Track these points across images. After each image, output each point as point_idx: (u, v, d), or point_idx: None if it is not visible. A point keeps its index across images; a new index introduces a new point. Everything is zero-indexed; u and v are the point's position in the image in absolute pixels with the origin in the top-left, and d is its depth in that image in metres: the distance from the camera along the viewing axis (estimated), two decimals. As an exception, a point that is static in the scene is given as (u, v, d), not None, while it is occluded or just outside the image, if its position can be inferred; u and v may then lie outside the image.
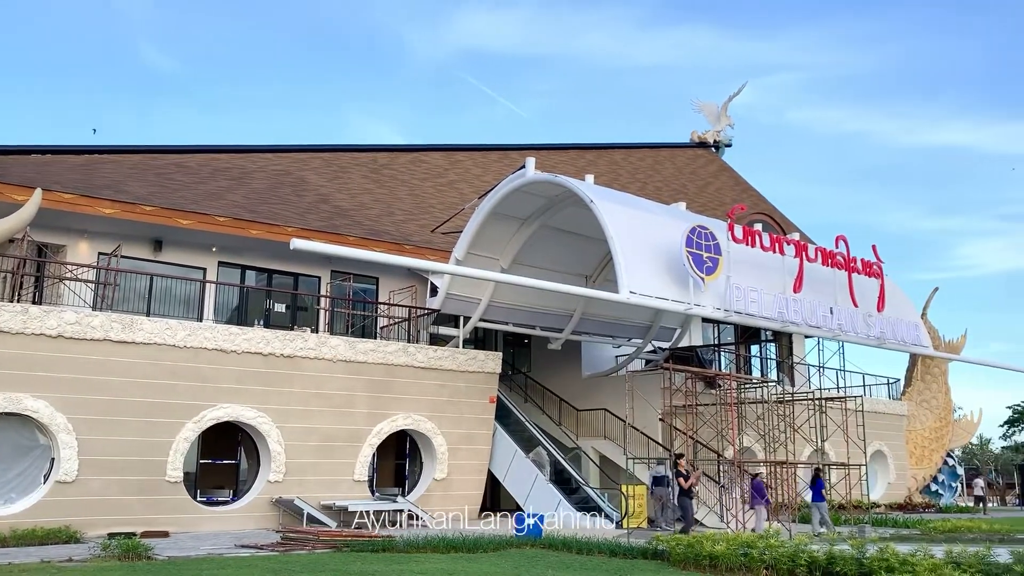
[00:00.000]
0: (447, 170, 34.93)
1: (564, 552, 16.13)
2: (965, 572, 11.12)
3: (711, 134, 47.93)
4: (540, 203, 24.45)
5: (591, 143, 43.14)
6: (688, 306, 20.87)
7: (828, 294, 23.63)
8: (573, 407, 28.85)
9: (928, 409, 38.08)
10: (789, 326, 23.15)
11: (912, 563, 11.60)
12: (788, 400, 26.77)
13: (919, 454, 37.01)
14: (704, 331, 33.79)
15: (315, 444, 21.67)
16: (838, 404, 27.40)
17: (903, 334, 25.41)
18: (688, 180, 43.37)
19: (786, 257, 23.09)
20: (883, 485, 35.18)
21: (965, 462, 56.48)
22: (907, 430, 36.98)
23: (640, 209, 22.78)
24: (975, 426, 41.39)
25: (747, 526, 21.34)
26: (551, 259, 26.21)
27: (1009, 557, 12.09)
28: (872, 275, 24.99)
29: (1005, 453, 70.65)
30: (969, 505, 40.16)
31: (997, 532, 20.75)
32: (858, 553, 12.68)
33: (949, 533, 20.90)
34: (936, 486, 38.12)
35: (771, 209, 40.83)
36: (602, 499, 24.17)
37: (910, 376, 39.21)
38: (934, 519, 25.89)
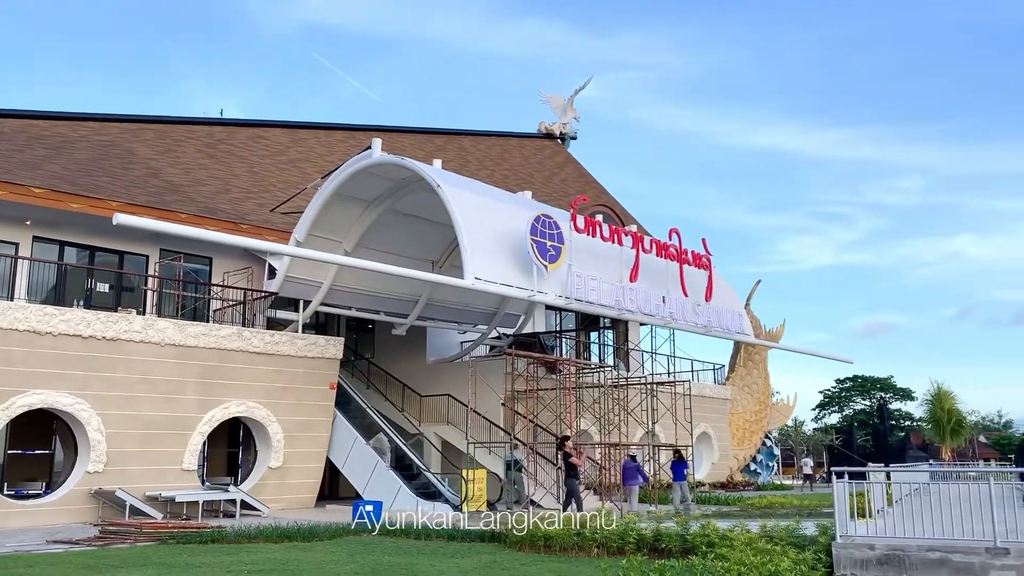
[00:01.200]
0: (289, 148, 33.80)
1: (402, 538, 16.06)
2: (777, 544, 11.93)
3: (557, 126, 48.93)
4: (386, 186, 24.10)
5: (440, 128, 43.01)
6: (532, 293, 21.21)
7: (661, 284, 24.67)
8: (416, 393, 28.75)
9: (749, 393, 40.68)
10: (626, 314, 24.00)
11: (731, 538, 12.33)
12: (623, 385, 27.83)
13: (740, 436, 39.49)
14: (547, 318, 34.55)
15: (140, 432, 20.46)
16: (668, 388, 28.76)
17: (728, 323, 26.92)
18: (535, 170, 44.09)
19: (624, 248, 23.90)
20: (707, 465, 37.30)
21: (781, 443, 60.81)
22: (730, 413, 39.35)
23: (487, 196, 22.91)
24: (791, 409, 44.65)
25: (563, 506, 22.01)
26: (397, 243, 25.93)
27: (815, 529, 13.13)
28: (701, 267, 26.31)
29: (816, 434, 76.71)
30: (785, 483, 43.34)
31: (807, 507, 22.46)
32: (682, 530, 13.36)
33: (765, 509, 22.41)
34: (755, 465, 40.82)
35: (612, 201, 42.22)
36: (443, 484, 24.25)
37: (734, 362, 41.74)
38: (752, 496, 27.73)
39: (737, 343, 40.02)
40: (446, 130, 43.01)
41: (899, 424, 76.59)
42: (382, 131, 35.33)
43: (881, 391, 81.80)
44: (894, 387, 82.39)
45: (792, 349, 34.93)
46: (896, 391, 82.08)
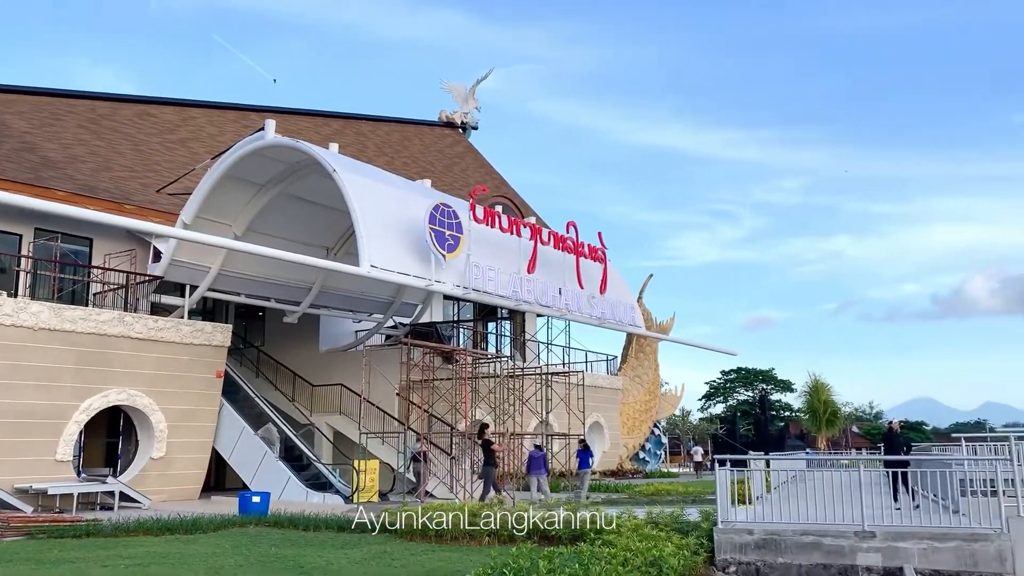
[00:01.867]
0: (178, 127, 32.44)
1: (290, 529, 15.73)
2: (662, 530, 12.28)
3: (459, 115, 48.74)
4: (280, 169, 23.47)
5: (338, 112, 42.18)
6: (429, 282, 21.09)
7: (558, 276, 24.98)
8: (308, 382, 28.16)
9: (640, 384, 41.67)
10: (523, 305, 24.19)
11: (618, 524, 12.63)
12: (518, 375, 28.04)
13: (630, 425, 40.43)
14: (444, 308, 34.44)
15: (9, 422, 19.27)
16: (562, 379, 29.16)
17: (621, 315, 27.51)
18: (435, 158, 43.81)
19: (522, 239, 24.06)
20: (598, 454, 38.00)
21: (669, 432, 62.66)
22: (621, 403, 40.20)
23: (385, 183, 22.62)
24: (679, 399, 46.04)
25: (475, 495, 22.09)
26: (290, 228, 25.30)
27: (699, 516, 13.60)
28: (597, 260, 26.78)
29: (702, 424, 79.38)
30: (672, 471, 44.67)
31: (692, 494, 23.18)
32: (572, 517, 13.57)
33: (652, 496, 23.02)
34: (644, 454, 41.88)
35: (512, 193, 42.40)
36: (334, 475, 23.88)
37: (626, 353, 42.66)
38: (641, 484, 28.46)
39: (629, 335, 40.91)
40: (344, 114, 42.22)
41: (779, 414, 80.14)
42: (277, 112, 34.38)
43: (763, 383, 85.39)
44: (775, 379, 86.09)
45: (681, 341, 35.99)
46: (777, 383, 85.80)
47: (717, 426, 72.25)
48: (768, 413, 64.66)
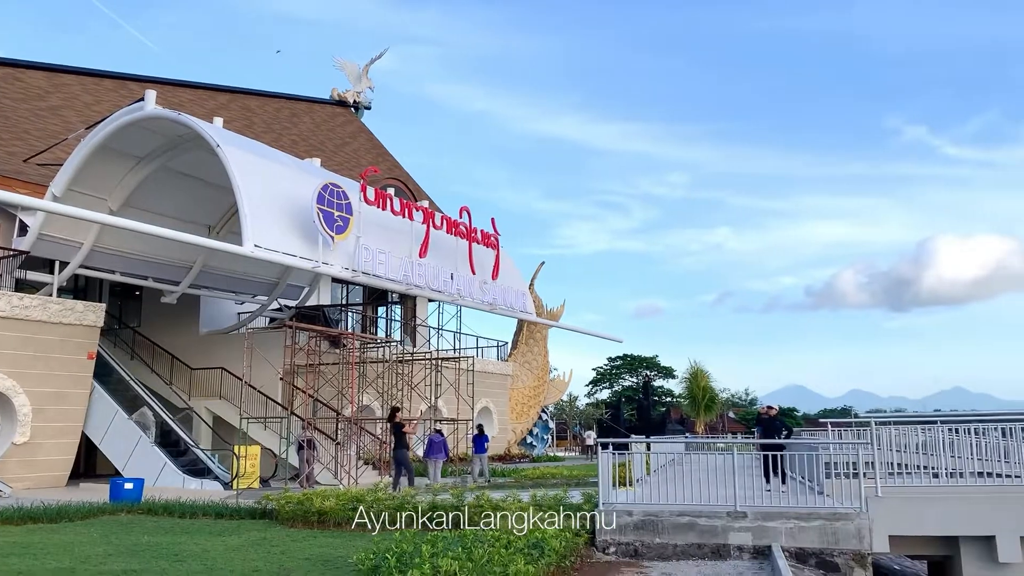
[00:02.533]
0: (50, 94, 30.53)
1: (165, 517, 15.15)
2: (546, 512, 12.46)
3: (351, 94, 47.80)
4: (160, 142, 22.42)
5: (224, 85, 40.62)
6: (316, 264, 20.61)
7: (450, 261, 24.89)
8: (187, 365, 27.11)
9: (529, 369, 42.15)
10: (414, 289, 23.98)
11: (503, 507, 12.74)
12: (407, 360, 27.85)
13: (519, 410, 40.87)
14: (333, 291, 33.81)
15: None
16: (452, 364, 29.14)
17: (513, 301, 27.68)
18: (326, 137, 42.84)
19: (414, 223, 23.83)
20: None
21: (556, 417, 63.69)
22: (511, 388, 40.58)
23: (272, 160, 21.94)
24: (566, 385, 46.83)
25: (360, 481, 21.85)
26: (171, 205, 24.24)
27: (581, 498, 13.88)
28: (490, 246, 26.83)
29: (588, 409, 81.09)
30: (559, 455, 45.44)
31: (576, 477, 23.64)
32: (457, 501, 13.61)
33: (538, 479, 23.35)
34: (531, 438, 42.44)
35: (405, 175, 41.95)
36: (213, 461, 23.13)
37: (516, 340, 43.04)
38: (527, 468, 28.81)
39: (520, 321, 41.28)
40: (230, 88, 40.71)
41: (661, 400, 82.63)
42: (158, 83, 32.82)
43: (647, 369, 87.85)
44: (659, 366, 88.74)
45: (570, 328, 36.53)
46: (660, 369, 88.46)
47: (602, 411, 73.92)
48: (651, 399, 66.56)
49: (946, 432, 15.37)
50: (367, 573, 9.20)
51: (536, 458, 39.38)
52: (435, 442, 22.36)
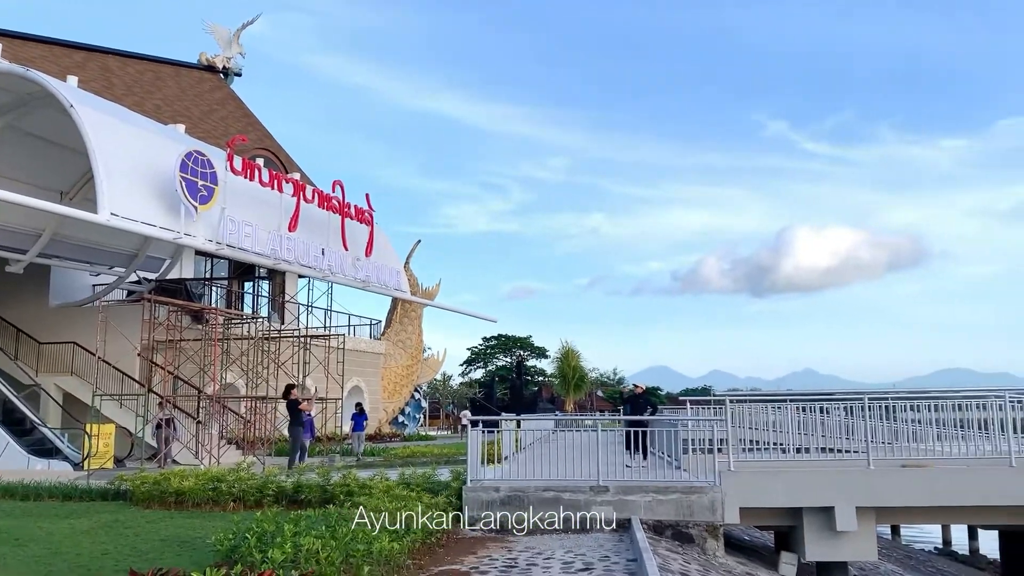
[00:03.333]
0: None
1: (6, 500, 14.22)
2: (413, 490, 12.45)
3: (221, 59, 45.77)
4: (7, 100, 20.82)
5: (81, 43, 37.99)
6: (178, 235, 19.69)
7: (322, 236, 24.32)
8: (35, 339, 25.45)
9: (403, 348, 41.91)
10: (282, 264, 23.32)
11: (370, 486, 12.64)
12: (275, 337, 27.11)
13: (391, 389, 40.61)
14: (197, 264, 32.44)
15: None
16: (322, 342, 28.58)
17: (386, 279, 27.38)
18: (192, 103, 40.87)
19: (284, 195, 23.13)
20: (358, 418, 37.83)
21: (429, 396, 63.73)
22: (383, 367, 40.25)
23: (131, 124, 20.75)
24: (440, 364, 46.87)
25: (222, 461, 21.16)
26: (18, 167, 22.58)
27: (450, 475, 13.94)
28: (364, 222, 26.38)
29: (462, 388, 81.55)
30: (431, 433, 45.47)
31: (446, 455, 23.72)
32: (323, 480, 13.40)
33: (408, 458, 23.27)
34: (403, 417, 42.29)
35: (276, 146, 40.61)
36: (62, 440, 21.86)
37: (390, 318, 42.67)
38: (398, 447, 28.69)
39: (395, 300, 40.91)
40: (88, 46, 38.13)
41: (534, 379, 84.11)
42: (6, 36, 30.37)
43: (520, 349, 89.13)
44: (532, 346, 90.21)
45: (444, 307, 36.57)
46: (533, 349, 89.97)
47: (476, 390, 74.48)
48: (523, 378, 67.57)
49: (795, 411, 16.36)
50: (225, 554, 8.92)
51: (408, 437, 39.26)
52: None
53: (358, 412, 24.53)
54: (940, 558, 31.13)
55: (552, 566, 9.57)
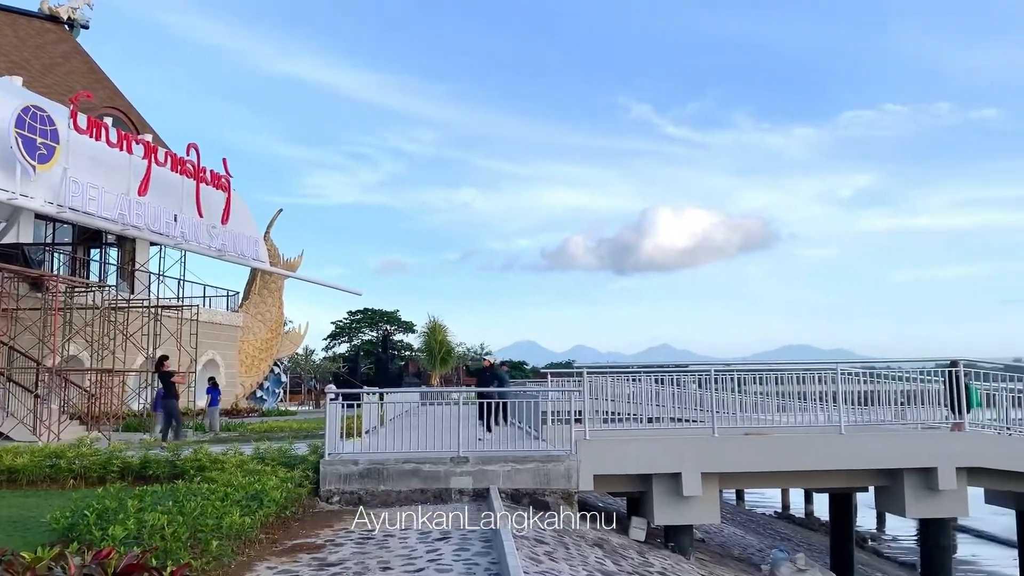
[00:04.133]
0: None
1: None
2: (268, 464, 12.16)
3: (66, 10, 42.56)
4: None
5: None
6: (13, 196, 18.32)
7: (175, 201, 23.24)
8: None
9: (262, 321, 40.63)
10: (131, 230, 22.14)
11: (222, 461, 12.26)
12: (123, 307, 25.71)
13: (249, 363, 39.37)
14: (37, 228, 30.22)
15: None
16: (174, 313, 27.35)
17: (244, 248, 26.50)
18: (32, 55, 37.84)
19: (134, 157, 21.92)
20: (214, 392, 36.49)
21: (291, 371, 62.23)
22: (241, 340, 38.93)
23: (-42, 74, 19.04)
24: (302, 338, 45.79)
25: (62, 436, 19.93)
26: None
27: (308, 450, 13.71)
28: (220, 188, 25.38)
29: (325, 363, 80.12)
30: (291, 409, 44.50)
31: (305, 430, 23.28)
32: (172, 456, 12.89)
33: (265, 433, 22.69)
34: (262, 392, 41.16)
35: (127, 106, 38.24)
36: None
37: (249, 290, 41.22)
38: (255, 422, 27.92)
39: (254, 270, 39.58)
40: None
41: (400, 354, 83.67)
42: None
43: (387, 324, 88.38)
44: (399, 320, 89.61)
45: (306, 279, 35.74)
46: (400, 324, 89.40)
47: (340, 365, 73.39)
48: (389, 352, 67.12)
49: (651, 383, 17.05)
50: (62, 532, 8.45)
51: (267, 412, 38.24)
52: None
53: (212, 386, 23.71)
54: (779, 521, 33.37)
55: (409, 536, 9.61)
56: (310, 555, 8.57)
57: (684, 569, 11.85)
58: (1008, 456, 14.45)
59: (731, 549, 20.09)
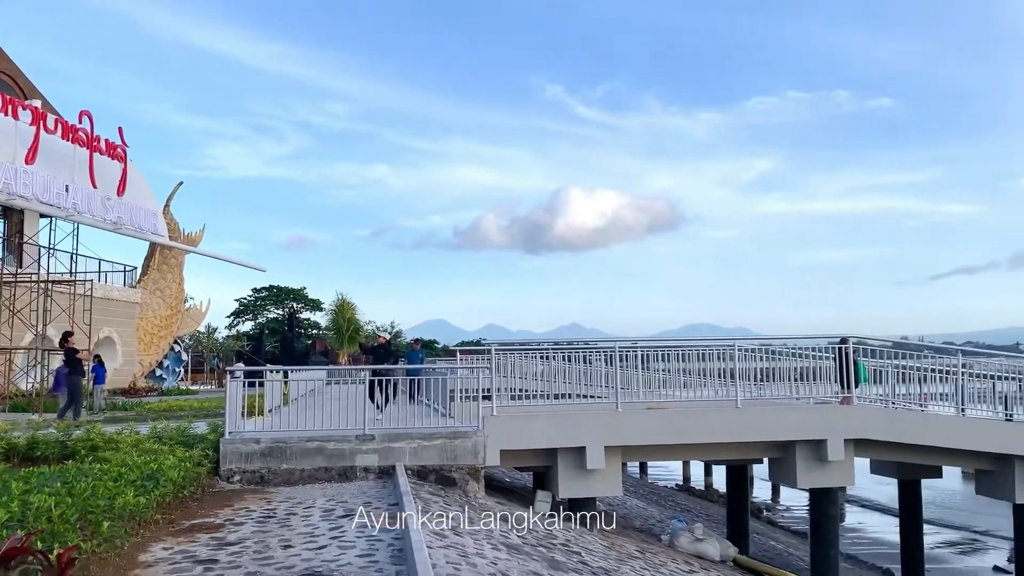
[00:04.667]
0: None
1: None
2: (166, 444, 11.79)
3: (-57, -37, 39.78)
4: None
5: None
6: None
7: (66, 171, 22.14)
8: None
9: (162, 298, 39.24)
10: (17, 200, 21.00)
11: (116, 440, 11.84)
12: (9, 282, 24.41)
13: (148, 341, 38.01)
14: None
15: None
16: (66, 288, 26.13)
17: (141, 221, 25.50)
18: (-95, 11, 35.26)
19: (21, 123, 20.77)
20: (110, 371, 35.13)
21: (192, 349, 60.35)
22: (139, 317, 37.53)
23: None
24: (203, 315, 44.42)
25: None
26: None
27: (207, 428, 13.36)
28: (116, 158, 24.31)
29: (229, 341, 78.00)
30: (192, 388, 43.21)
31: (207, 409, 22.65)
32: (63, 436, 12.37)
33: (163, 412, 21.97)
34: (162, 371, 39.81)
35: (14, 69, 36.05)
36: None
37: (148, 265, 39.69)
38: (154, 401, 27.02)
39: (153, 245, 38.13)
40: None
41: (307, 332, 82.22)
42: None
43: (294, 301, 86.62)
44: (306, 298, 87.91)
45: (208, 254, 34.67)
46: (307, 301, 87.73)
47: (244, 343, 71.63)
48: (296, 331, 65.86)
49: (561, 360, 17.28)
50: (-64, 518, 8.00)
51: (167, 391, 37.06)
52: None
53: (97, 364, 22.81)
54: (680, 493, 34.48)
55: (312, 514, 9.49)
56: (208, 535, 8.38)
57: (587, 540, 12.11)
58: (892, 428, 15.27)
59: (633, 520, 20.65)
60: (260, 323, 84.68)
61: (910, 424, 15.39)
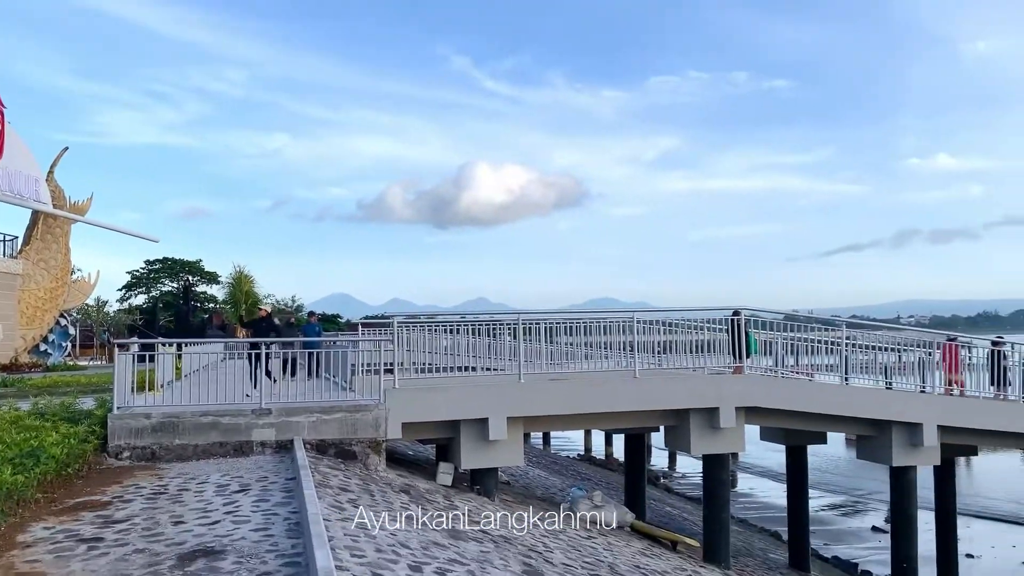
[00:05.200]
0: None
1: None
2: (48, 420, 11.25)
3: None
4: None
5: None
6: None
7: (-65, 132, 20.66)
8: None
9: (45, 269, 37.22)
10: None
11: (-7, 418, 11.21)
12: None
13: (31, 314, 36.06)
14: None
15: None
16: (-61, 258, 24.51)
17: (21, 187, 24.13)
18: None
19: None
20: (-11, 346, 33.24)
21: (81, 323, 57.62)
22: (21, 290, 35.55)
23: None
24: (92, 287, 42.37)
25: None
26: None
27: (95, 403, 12.82)
28: (-8, 120, 22.83)
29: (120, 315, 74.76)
30: (80, 363, 41.30)
31: (94, 384, 21.70)
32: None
33: (47, 388, 20.96)
34: (47, 346, 37.88)
35: None
36: None
37: (30, 234, 37.51)
38: (38, 377, 25.75)
39: (36, 214, 36.06)
40: None
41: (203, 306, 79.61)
42: None
43: (189, 274, 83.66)
44: (202, 271, 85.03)
45: (96, 224, 33.09)
46: (204, 274, 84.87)
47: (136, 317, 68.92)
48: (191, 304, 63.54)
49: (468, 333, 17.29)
50: None
51: (52, 367, 35.29)
52: None
53: None
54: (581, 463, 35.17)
55: (206, 490, 9.25)
56: (94, 513, 8.06)
57: (488, 510, 12.22)
58: (780, 396, 15.94)
59: (534, 490, 20.97)
60: (154, 296, 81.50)
61: (797, 392, 16.09)
